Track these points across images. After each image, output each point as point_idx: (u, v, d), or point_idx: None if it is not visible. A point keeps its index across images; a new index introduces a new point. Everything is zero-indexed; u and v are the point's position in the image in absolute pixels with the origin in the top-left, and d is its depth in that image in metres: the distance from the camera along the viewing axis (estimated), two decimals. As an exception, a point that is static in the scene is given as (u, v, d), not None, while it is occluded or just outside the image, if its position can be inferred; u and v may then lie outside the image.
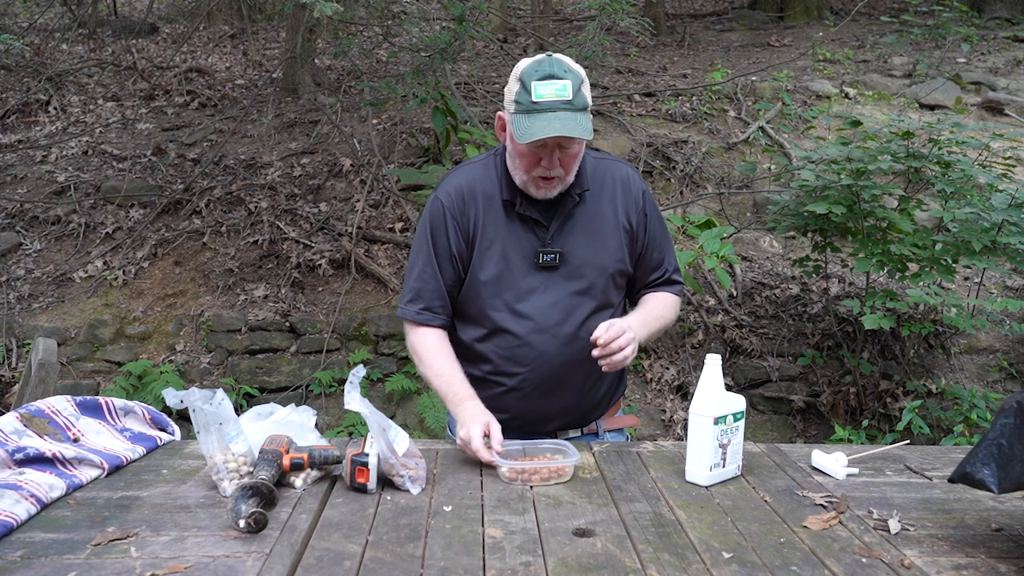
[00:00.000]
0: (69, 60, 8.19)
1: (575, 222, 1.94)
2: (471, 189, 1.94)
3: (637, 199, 1.99)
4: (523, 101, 1.78)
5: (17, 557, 1.31)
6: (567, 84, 1.77)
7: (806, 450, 1.87)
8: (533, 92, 1.76)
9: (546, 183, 1.85)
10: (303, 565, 1.30)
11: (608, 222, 1.96)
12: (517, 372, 1.94)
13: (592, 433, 2.07)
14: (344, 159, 6.08)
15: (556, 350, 1.92)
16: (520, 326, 1.92)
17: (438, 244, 1.95)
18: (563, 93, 1.76)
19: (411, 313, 1.97)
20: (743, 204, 5.95)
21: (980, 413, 4.07)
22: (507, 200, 1.92)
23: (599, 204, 1.96)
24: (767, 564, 1.32)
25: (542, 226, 1.92)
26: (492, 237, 1.92)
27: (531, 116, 1.76)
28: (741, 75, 7.45)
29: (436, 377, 1.91)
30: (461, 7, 5.15)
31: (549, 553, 1.35)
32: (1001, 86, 7.26)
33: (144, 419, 1.97)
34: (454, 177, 1.99)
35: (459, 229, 1.93)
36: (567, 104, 1.76)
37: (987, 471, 1.32)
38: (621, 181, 1.99)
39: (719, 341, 4.91)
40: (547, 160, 1.81)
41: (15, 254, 5.56)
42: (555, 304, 1.91)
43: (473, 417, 1.78)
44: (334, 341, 4.94)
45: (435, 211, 1.95)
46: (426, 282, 1.96)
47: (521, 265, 1.91)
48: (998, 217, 3.74)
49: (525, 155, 1.83)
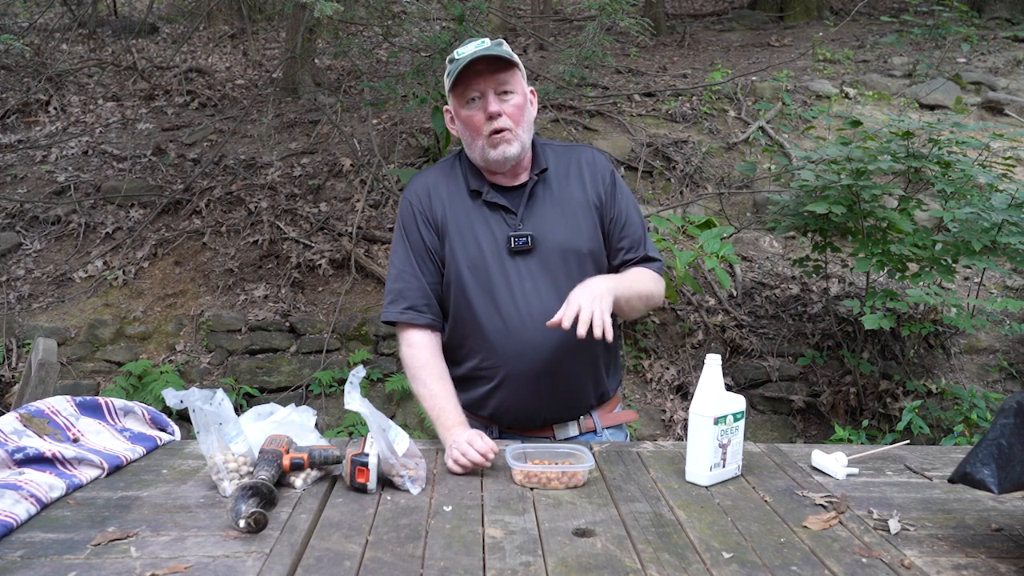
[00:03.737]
0: (69, 60, 8.18)
1: (542, 204, 1.95)
2: (435, 185, 1.99)
3: (604, 176, 2.00)
4: (450, 69, 1.89)
5: (17, 557, 1.31)
6: (484, 40, 1.88)
7: (806, 450, 1.87)
8: (455, 55, 1.89)
9: (500, 137, 1.87)
10: (303, 565, 1.30)
11: (578, 203, 1.96)
12: (501, 365, 1.92)
13: (591, 431, 2.05)
14: (344, 159, 6.08)
15: (539, 339, 1.89)
16: (500, 317, 1.90)
17: (412, 242, 1.96)
18: (481, 45, 1.87)
19: (394, 314, 1.95)
20: (743, 204, 5.95)
21: (980, 413, 4.08)
22: (473, 190, 1.95)
23: (567, 186, 1.98)
24: (767, 564, 1.32)
25: (510, 212, 1.93)
26: (462, 228, 1.93)
27: (456, 69, 1.86)
28: (741, 75, 7.45)
29: (428, 397, 1.88)
30: (461, 7, 5.15)
31: (549, 553, 1.34)
32: (1001, 86, 7.26)
33: (144, 419, 1.97)
34: (419, 178, 2.04)
35: (429, 224, 1.96)
36: (485, 50, 1.85)
37: (987, 471, 1.32)
38: (587, 162, 2.02)
39: (719, 341, 4.91)
40: (490, 106, 1.86)
41: (15, 254, 5.56)
42: (533, 291, 1.90)
43: (463, 433, 1.76)
44: (334, 341, 4.94)
45: (404, 212, 1.99)
46: (407, 282, 1.95)
47: (495, 253, 1.91)
48: (998, 217, 3.74)
49: (469, 116, 1.90)
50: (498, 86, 1.87)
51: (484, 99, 1.87)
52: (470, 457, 1.69)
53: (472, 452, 1.69)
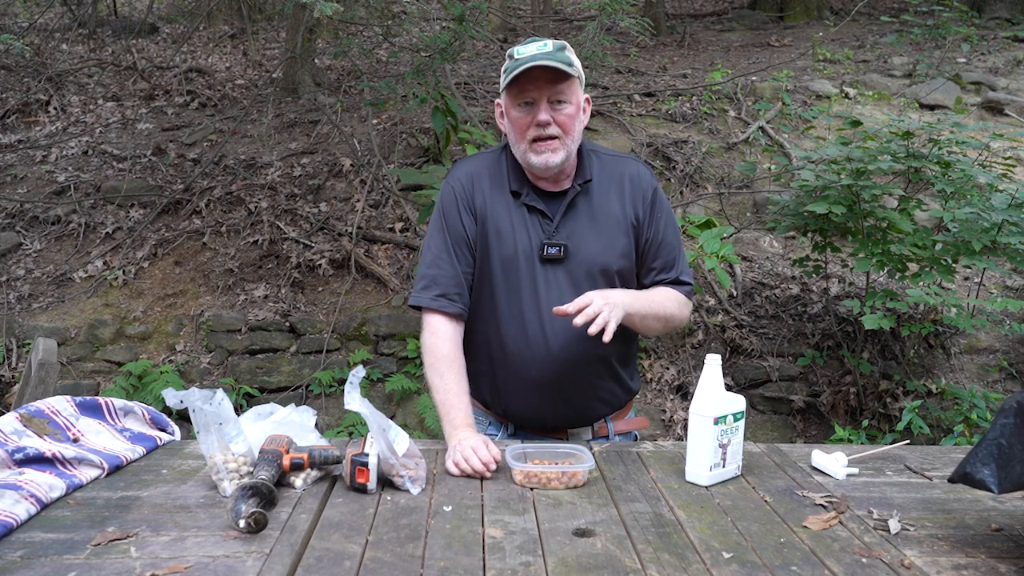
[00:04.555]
0: (69, 60, 8.18)
1: (580, 215, 1.92)
2: (479, 174, 1.96)
3: (646, 193, 1.97)
4: (508, 66, 1.85)
5: (17, 557, 1.31)
6: (548, 43, 1.84)
7: (806, 450, 1.87)
8: (515, 53, 1.84)
9: (545, 145, 1.84)
10: (303, 565, 1.30)
11: (615, 218, 1.94)
12: (514, 368, 1.92)
13: (603, 436, 2.03)
14: (344, 159, 6.08)
15: (557, 348, 1.89)
16: (521, 320, 1.90)
17: (452, 229, 1.93)
18: (544, 48, 1.82)
19: (426, 300, 1.91)
20: (743, 204, 5.95)
21: (980, 413, 4.07)
22: (514, 191, 1.93)
23: (607, 199, 1.95)
24: (767, 564, 1.32)
25: (547, 218, 1.91)
26: (500, 223, 1.91)
27: (513, 70, 1.82)
28: (741, 75, 7.45)
29: (442, 391, 1.86)
30: (461, 7, 5.14)
31: (549, 553, 1.34)
32: (1001, 86, 7.26)
33: (144, 419, 1.97)
34: (464, 164, 2.02)
35: (470, 211, 1.93)
36: (547, 55, 1.81)
37: (987, 471, 1.32)
38: (630, 176, 1.98)
39: (719, 341, 4.91)
40: (540, 114, 1.83)
41: (15, 254, 5.56)
42: (558, 301, 1.88)
43: (468, 438, 1.75)
44: (334, 341, 4.94)
45: (447, 197, 1.96)
46: (442, 268, 1.92)
47: (527, 256, 1.90)
48: (998, 217, 3.74)
49: (518, 118, 1.86)
50: (553, 94, 1.83)
51: (536, 105, 1.83)
52: (471, 464, 1.69)
53: (475, 460, 1.69)
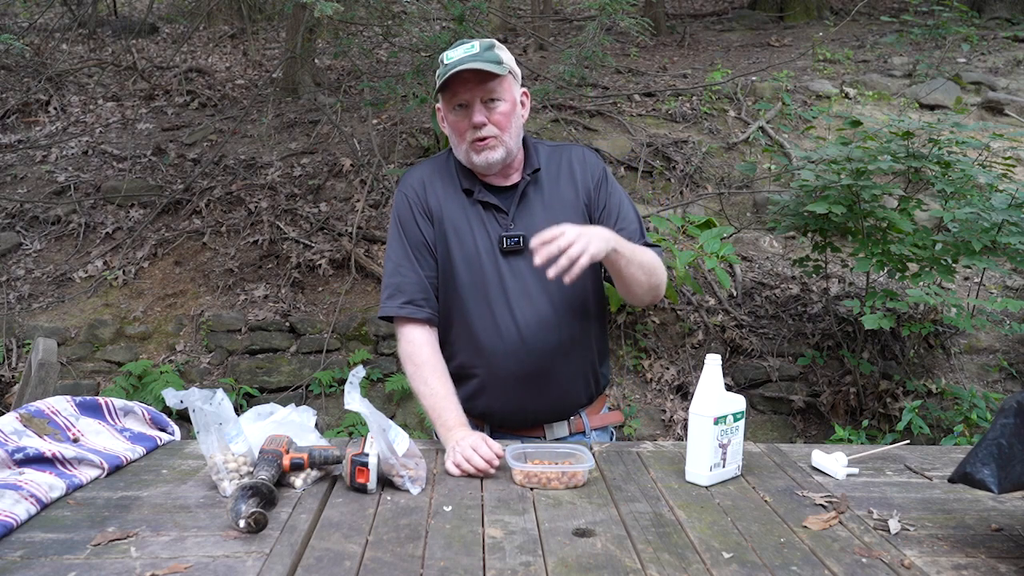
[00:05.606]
0: (69, 60, 8.18)
1: (533, 204, 1.94)
2: (430, 178, 1.98)
3: (595, 172, 1.99)
4: (439, 72, 1.86)
5: (17, 557, 1.31)
6: (475, 44, 1.86)
7: (806, 450, 1.87)
8: (445, 59, 1.86)
9: (483, 144, 1.86)
10: (303, 565, 1.30)
11: (569, 202, 1.95)
12: (490, 364, 1.92)
13: (580, 432, 2.03)
14: (344, 159, 6.08)
15: (531, 340, 1.89)
16: (491, 316, 1.90)
17: (409, 235, 1.95)
18: (471, 50, 1.84)
19: (393, 308, 1.92)
20: (743, 204, 5.95)
21: (980, 413, 4.08)
22: (466, 189, 1.94)
23: (557, 186, 1.97)
24: (767, 564, 1.32)
25: (502, 211, 1.93)
26: (457, 224, 1.93)
27: (443, 75, 1.83)
28: (741, 75, 7.45)
29: (429, 396, 1.87)
30: (461, 7, 5.14)
31: (549, 553, 1.34)
32: (1001, 86, 7.26)
33: (144, 419, 1.97)
34: (414, 171, 2.04)
35: (426, 216, 1.95)
36: (474, 57, 1.82)
37: (987, 471, 1.32)
38: (578, 160, 2.01)
39: (719, 341, 4.91)
40: (475, 116, 1.84)
41: (15, 254, 5.56)
42: (525, 292, 1.89)
43: (466, 437, 1.75)
44: (334, 341, 4.94)
45: (401, 205, 1.98)
46: (404, 275, 1.94)
47: (488, 252, 1.91)
48: (998, 217, 3.74)
49: (455, 122, 1.89)
50: (485, 95, 1.85)
51: (470, 107, 1.85)
52: (474, 463, 1.68)
53: (477, 458, 1.69)
